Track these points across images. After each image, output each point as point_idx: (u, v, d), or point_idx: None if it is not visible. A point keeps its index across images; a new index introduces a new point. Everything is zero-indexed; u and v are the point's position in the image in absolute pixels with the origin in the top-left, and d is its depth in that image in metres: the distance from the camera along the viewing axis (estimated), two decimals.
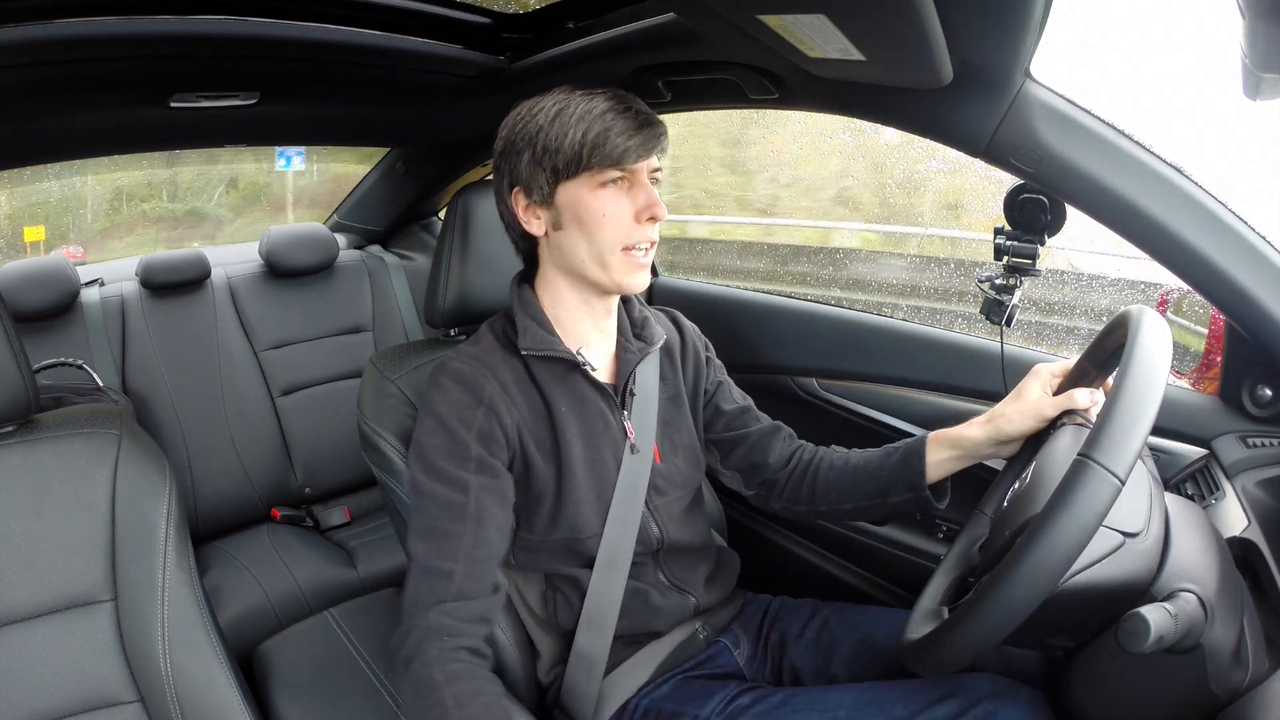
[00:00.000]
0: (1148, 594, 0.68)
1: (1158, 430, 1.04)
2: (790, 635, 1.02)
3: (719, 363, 1.08)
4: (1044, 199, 0.96)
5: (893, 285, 2.69)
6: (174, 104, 1.19)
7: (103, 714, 0.84)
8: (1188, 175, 0.86)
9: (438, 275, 1.07)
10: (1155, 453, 1.04)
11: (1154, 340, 0.68)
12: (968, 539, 0.87)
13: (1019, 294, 1.04)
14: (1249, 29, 0.60)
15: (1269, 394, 0.96)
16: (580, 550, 0.90)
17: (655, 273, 1.84)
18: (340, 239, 2.12)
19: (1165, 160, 0.86)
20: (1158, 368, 0.65)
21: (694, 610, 0.99)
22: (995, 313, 1.05)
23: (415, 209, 2.16)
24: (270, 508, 1.82)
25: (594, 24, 1.10)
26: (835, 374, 1.47)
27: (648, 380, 0.96)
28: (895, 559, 1.33)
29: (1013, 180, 0.96)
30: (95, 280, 1.82)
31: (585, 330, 0.92)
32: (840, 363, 1.47)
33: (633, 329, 0.97)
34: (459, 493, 0.81)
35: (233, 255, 2.04)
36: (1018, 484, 0.82)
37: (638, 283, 0.87)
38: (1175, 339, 0.72)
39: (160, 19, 0.94)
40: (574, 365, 0.89)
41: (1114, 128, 0.86)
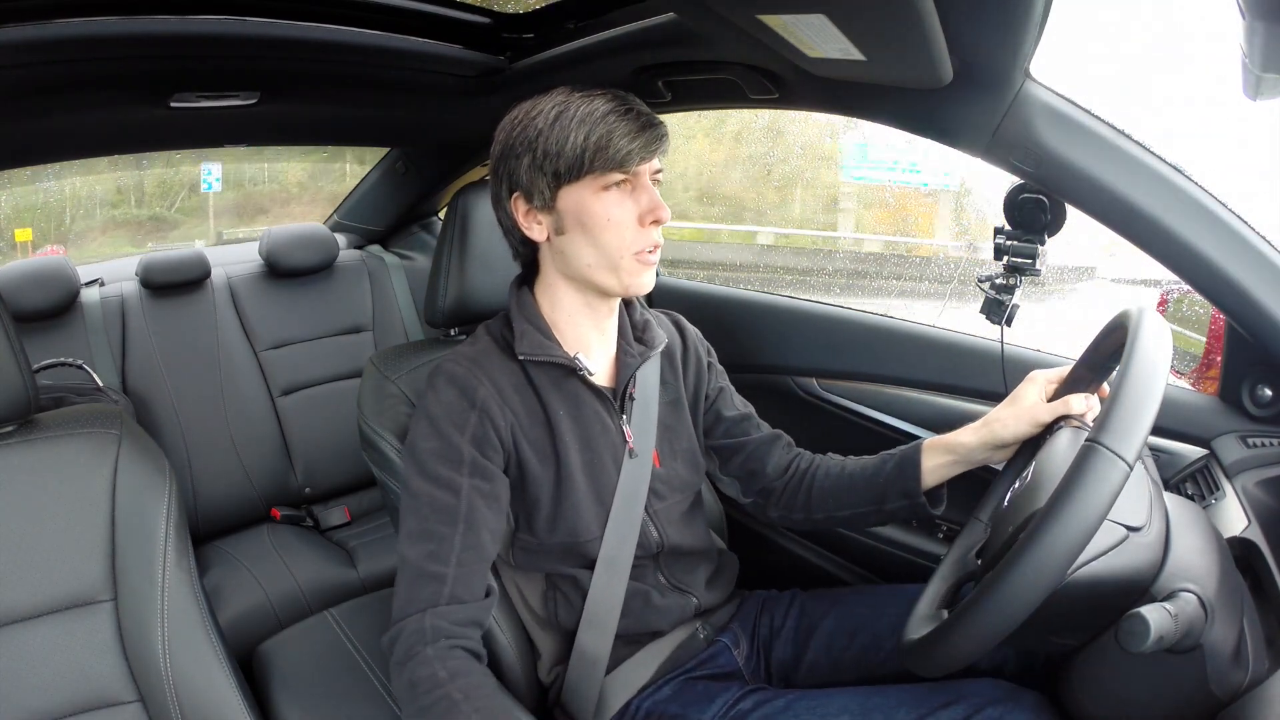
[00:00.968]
0: (1149, 593, 0.68)
1: (1158, 430, 1.04)
2: (775, 627, 1.02)
3: (721, 368, 1.07)
4: (1044, 199, 0.96)
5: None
6: (174, 104, 1.19)
7: (103, 714, 0.84)
8: (1188, 175, 0.86)
9: (438, 275, 1.07)
10: (1155, 453, 1.04)
11: (1154, 333, 0.68)
12: (964, 544, 0.86)
13: (1019, 294, 1.04)
14: (1249, 29, 0.60)
15: (1269, 394, 0.96)
16: (581, 552, 0.90)
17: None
18: (340, 239, 2.13)
19: (1165, 160, 0.86)
20: (1160, 357, 0.65)
21: (695, 610, 0.99)
22: (995, 313, 1.05)
23: (415, 209, 2.16)
24: (270, 508, 1.82)
25: (594, 24, 1.10)
26: (835, 374, 1.47)
27: (648, 384, 0.95)
28: (896, 558, 1.33)
29: (1012, 179, 0.96)
30: (95, 280, 1.82)
31: (586, 333, 0.91)
32: (840, 363, 1.47)
33: (634, 332, 0.97)
34: (451, 495, 0.81)
35: (233, 255, 2.04)
36: (1018, 483, 0.82)
37: (646, 284, 0.87)
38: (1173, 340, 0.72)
39: (160, 19, 0.94)
40: (572, 369, 0.89)
41: (1114, 128, 0.86)
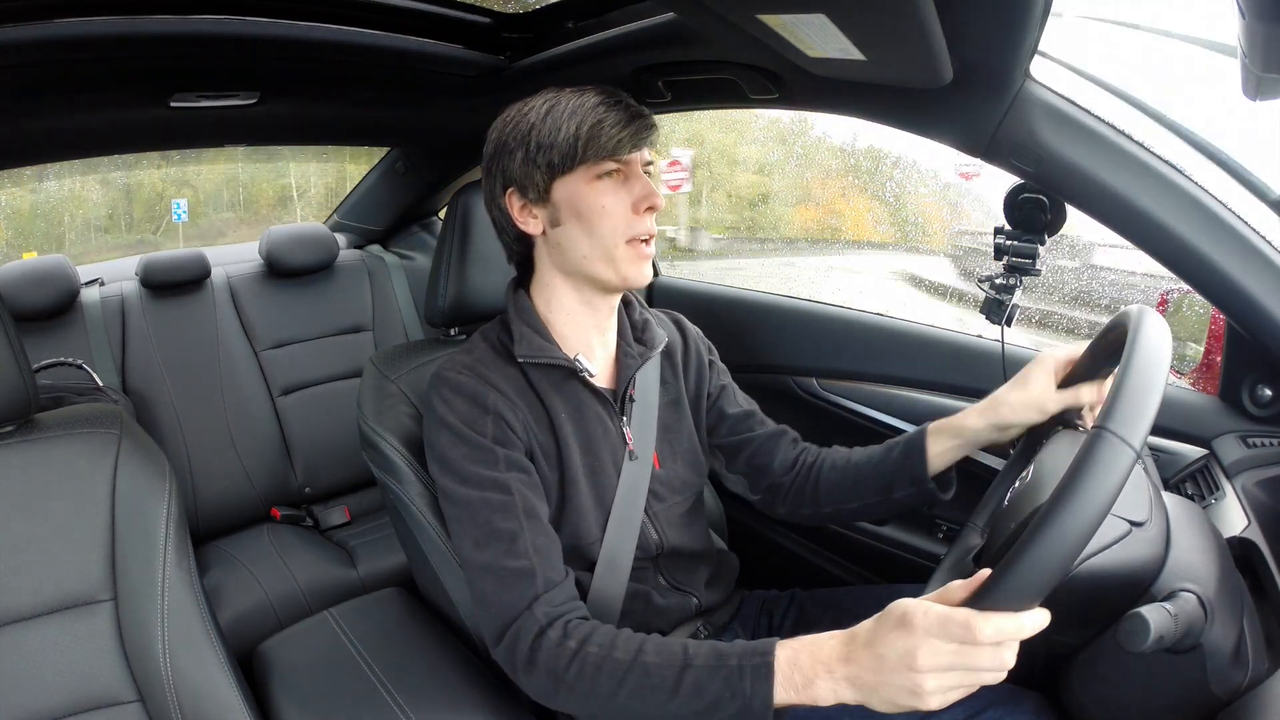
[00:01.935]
0: (1149, 592, 0.68)
1: (1158, 430, 1.04)
2: (774, 627, 1.03)
3: (723, 366, 1.07)
4: (1044, 199, 0.96)
5: None
6: (174, 104, 1.19)
7: (103, 714, 0.84)
8: (1188, 175, 0.85)
9: (438, 275, 1.07)
10: (1155, 453, 1.04)
11: (1155, 329, 0.68)
12: (961, 550, 0.86)
13: (1019, 293, 1.04)
14: (1249, 29, 0.60)
15: (1269, 394, 0.96)
16: (582, 554, 0.89)
17: (655, 272, 1.84)
18: (340, 239, 2.13)
19: (1165, 160, 0.86)
20: (1161, 349, 0.65)
21: (695, 610, 0.99)
22: (995, 312, 1.05)
23: (415, 209, 2.16)
24: (270, 507, 1.82)
25: (594, 24, 1.10)
26: (835, 374, 1.47)
27: (648, 385, 0.95)
28: (895, 558, 1.33)
29: (1012, 179, 0.96)
30: (95, 280, 1.82)
31: (586, 333, 0.91)
32: (840, 362, 1.47)
33: (633, 332, 0.96)
34: (503, 492, 0.80)
35: (233, 255, 2.04)
36: (1017, 483, 0.82)
37: (643, 275, 0.86)
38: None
39: (160, 19, 0.94)
40: (572, 371, 0.88)
41: (1114, 128, 0.86)
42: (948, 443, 0.92)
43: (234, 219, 2.81)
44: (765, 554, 1.52)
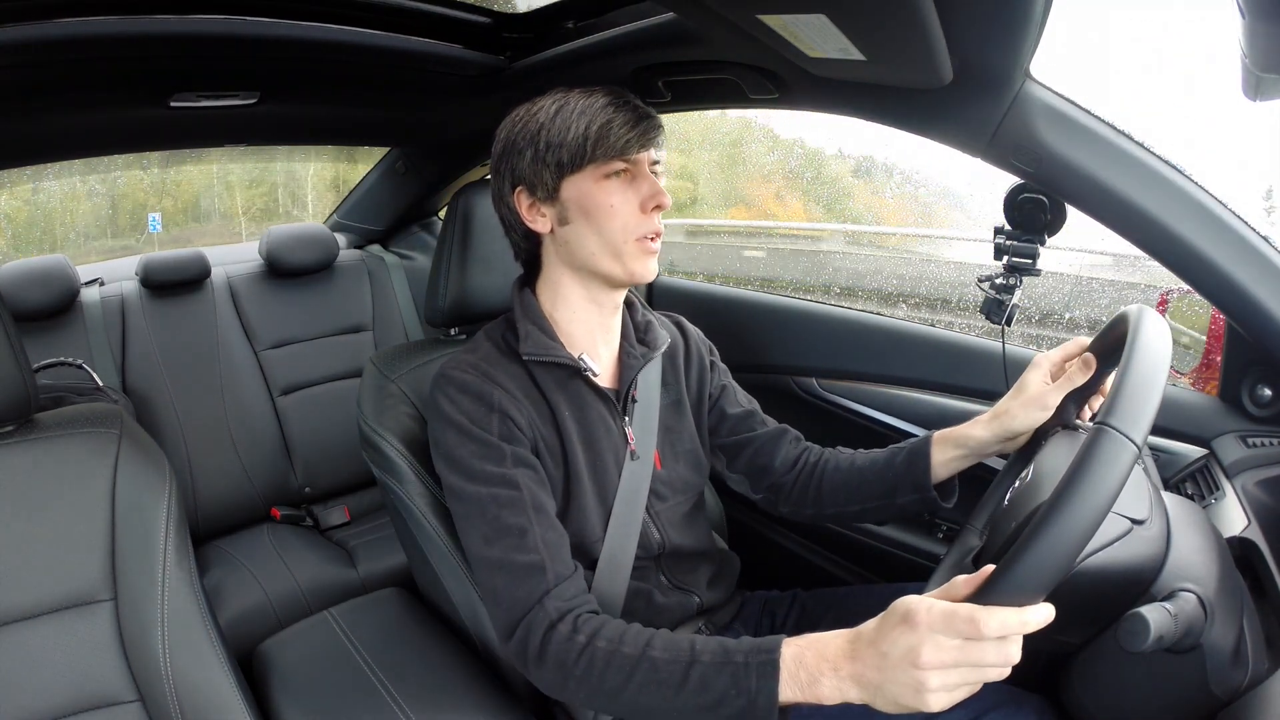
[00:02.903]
0: (1149, 592, 0.68)
1: (1158, 430, 1.04)
2: (776, 627, 1.03)
3: (724, 367, 1.07)
4: (1044, 199, 0.96)
5: None
6: (174, 104, 1.19)
7: (103, 714, 0.84)
8: (1188, 175, 0.85)
9: (438, 275, 1.07)
10: (1155, 452, 1.04)
11: (1155, 327, 0.68)
12: (960, 551, 0.86)
13: (1019, 293, 1.04)
14: (1249, 29, 0.60)
15: (1269, 394, 0.96)
16: (584, 553, 0.89)
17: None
18: (340, 238, 2.13)
19: (1165, 160, 0.86)
20: (1161, 346, 0.65)
21: (697, 609, 0.99)
22: (995, 312, 1.05)
23: (415, 209, 2.16)
24: (270, 507, 1.82)
25: (594, 24, 1.10)
26: (835, 374, 1.47)
27: (650, 386, 0.95)
28: (896, 558, 1.33)
29: (1011, 179, 0.96)
30: (95, 280, 1.82)
31: (590, 332, 0.91)
32: (840, 363, 1.47)
33: (636, 333, 0.97)
34: (511, 488, 0.81)
35: (233, 255, 2.04)
36: (1017, 483, 0.82)
37: (649, 270, 0.87)
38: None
39: (160, 19, 0.94)
40: (576, 370, 0.89)
41: (1114, 128, 0.86)
42: (952, 452, 0.92)
43: (198, 229, 3.39)
44: (766, 554, 1.52)
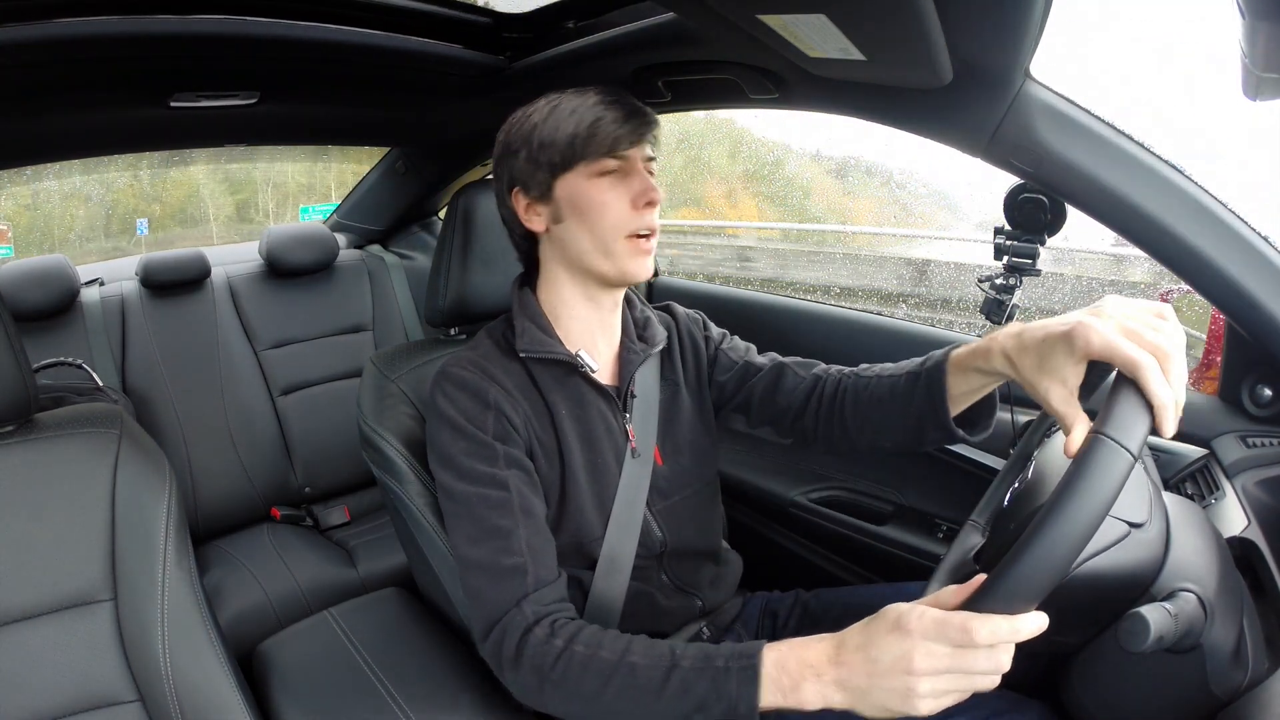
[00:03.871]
0: (1149, 592, 0.68)
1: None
2: (779, 626, 1.03)
3: (718, 333, 1.04)
4: (1044, 199, 0.96)
5: None
6: (174, 104, 1.19)
7: (103, 714, 0.84)
8: (1188, 175, 0.85)
9: (438, 275, 1.07)
10: (1155, 452, 1.04)
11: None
12: (961, 549, 0.86)
13: (1019, 293, 1.04)
14: (1249, 29, 0.60)
15: (1269, 394, 0.96)
16: (584, 552, 0.89)
17: (655, 272, 1.84)
18: (340, 238, 2.13)
19: (1165, 160, 0.86)
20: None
21: (699, 612, 0.99)
22: (995, 312, 1.05)
23: (415, 209, 2.16)
24: (270, 507, 1.82)
25: (594, 24, 1.10)
26: None
27: (648, 382, 0.95)
28: (897, 558, 1.33)
29: (1012, 180, 0.96)
30: (95, 280, 1.82)
31: (590, 329, 0.91)
32: (840, 363, 1.46)
33: (636, 330, 0.97)
34: (500, 489, 0.81)
35: (233, 255, 2.05)
36: (1018, 483, 0.82)
37: (643, 270, 0.87)
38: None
39: (160, 19, 0.94)
40: (574, 367, 0.89)
41: (1114, 128, 0.86)
42: (974, 379, 0.82)
43: (181, 233, 3.70)
44: (766, 555, 1.52)
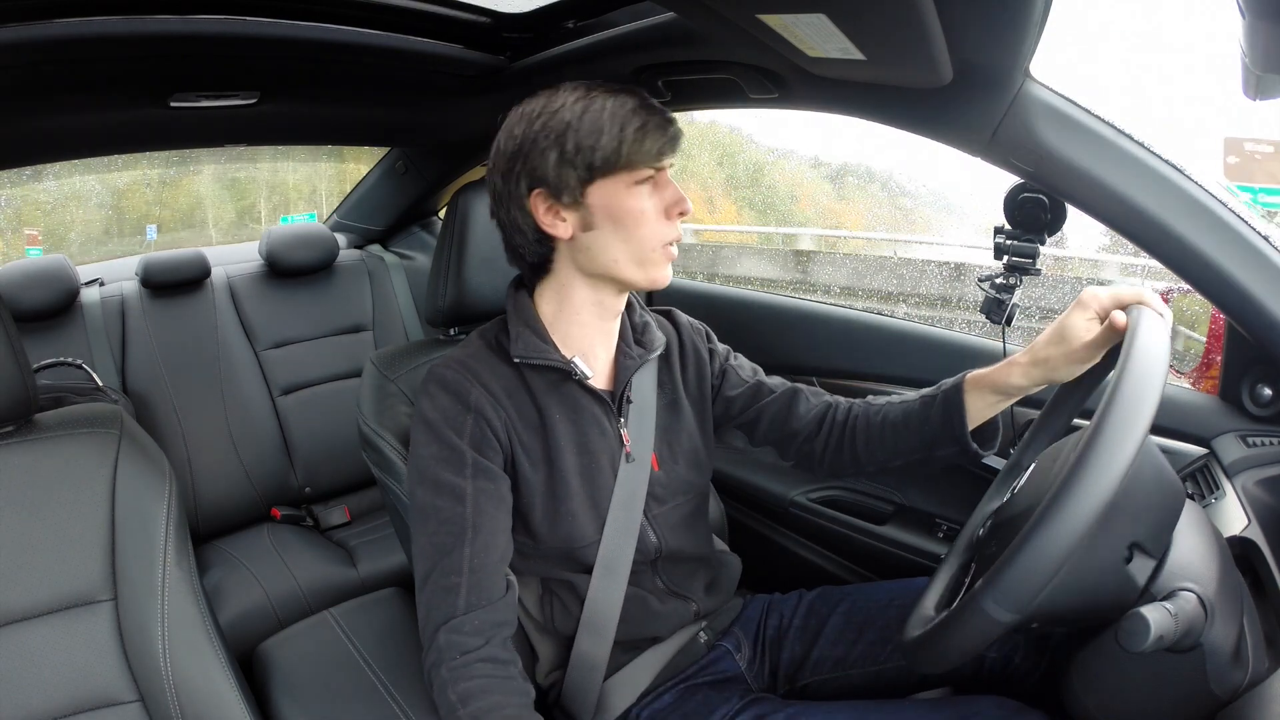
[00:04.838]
0: (1149, 591, 0.68)
1: (1157, 429, 1.04)
2: (782, 628, 1.02)
3: (723, 348, 1.04)
4: (1044, 198, 0.96)
5: None
6: (174, 104, 1.19)
7: (103, 714, 0.84)
8: (1187, 174, 0.85)
9: (437, 275, 1.07)
10: None
11: (1152, 328, 0.68)
12: (964, 543, 0.86)
13: (1019, 293, 1.04)
14: (1249, 29, 0.60)
15: (1269, 393, 0.96)
16: (577, 557, 0.89)
17: None
18: (340, 238, 2.13)
19: (1165, 159, 0.86)
20: (1159, 351, 0.65)
21: (694, 615, 0.98)
22: (995, 312, 1.05)
23: (415, 209, 2.16)
24: (270, 507, 1.82)
25: (594, 23, 1.10)
26: (835, 374, 1.47)
27: (644, 388, 0.94)
28: (898, 558, 1.33)
29: (1012, 179, 0.96)
30: (95, 280, 1.82)
31: (589, 334, 0.90)
32: (840, 362, 1.47)
33: (634, 334, 0.96)
34: (456, 503, 0.81)
35: (233, 255, 2.05)
36: (1021, 480, 0.82)
37: (667, 277, 0.86)
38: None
39: (160, 19, 0.94)
40: (568, 373, 0.87)
41: (1114, 127, 0.86)
42: (990, 398, 0.88)
43: (189, 235, 3.99)
44: (767, 555, 1.52)
